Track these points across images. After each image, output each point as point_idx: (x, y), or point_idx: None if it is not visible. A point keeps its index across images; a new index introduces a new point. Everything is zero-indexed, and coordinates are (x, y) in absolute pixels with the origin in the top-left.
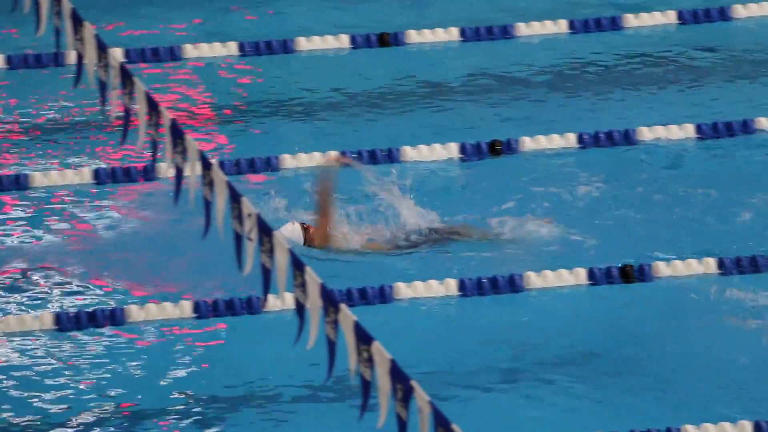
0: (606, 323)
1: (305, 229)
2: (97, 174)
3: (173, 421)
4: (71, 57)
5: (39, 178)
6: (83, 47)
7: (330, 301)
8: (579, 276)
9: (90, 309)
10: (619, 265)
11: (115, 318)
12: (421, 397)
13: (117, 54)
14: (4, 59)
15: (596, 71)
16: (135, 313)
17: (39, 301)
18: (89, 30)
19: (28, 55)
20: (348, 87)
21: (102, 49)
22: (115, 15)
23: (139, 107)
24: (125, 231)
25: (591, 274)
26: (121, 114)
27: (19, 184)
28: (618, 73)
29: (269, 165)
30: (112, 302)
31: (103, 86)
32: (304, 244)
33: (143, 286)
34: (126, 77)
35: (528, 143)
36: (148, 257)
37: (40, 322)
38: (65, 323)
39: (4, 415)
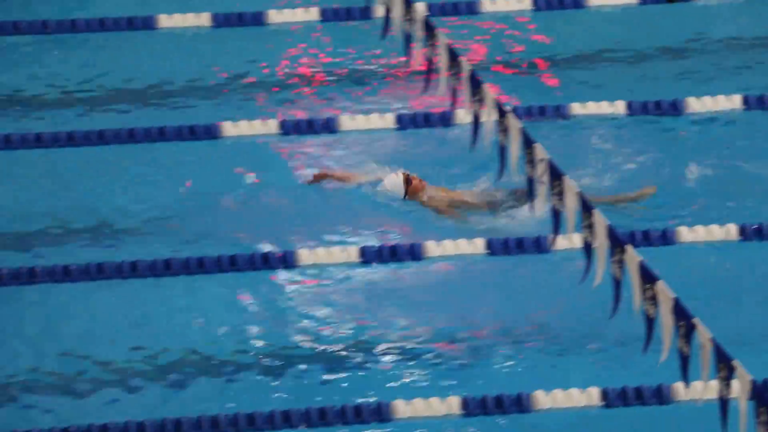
0: None
1: (407, 181)
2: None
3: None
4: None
5: (346, 122)
6: (391, 2)
7: (616, 241)
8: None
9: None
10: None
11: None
12: (703, 334)
13: (420, 8)
14: (319, 11)
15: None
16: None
17: None
18: None
19: (338, 9)
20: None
21: (407, 3)
22: None
23: (441, 58)
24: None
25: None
26: (422, 64)
27: (329, 128)
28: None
29: (559, 112)
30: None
31: (408, 38)
32: (405, 196)
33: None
34: (429, 30)
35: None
36: None
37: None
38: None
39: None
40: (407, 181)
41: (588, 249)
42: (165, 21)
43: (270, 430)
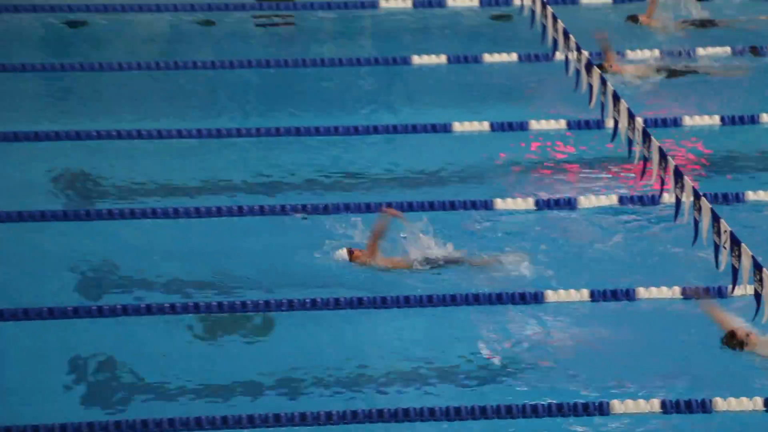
0: None
1: (350, 252)
2: None
3: None
4: (610, 122)
5: (583, 201)
6: (619, 114)
7: None
8: None
9: None
10: None
11: None
12: None
13: (639, 120)
14: (566, 122)
15: None
16: None
17: None
18: None
19: (582, 120)
20: None
21: (630, 116)
22: None
23: (654, 156)
24: None
25: None
26: (640, 160)
27: (570, 204)
28: None
29: (738, 198)
30: None
31: (629, 141)
32: (350, 261)
33: None
34: (645, 136)
35: None
36: None
37: None
38: None
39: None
40: (350, 253)
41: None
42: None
43: None
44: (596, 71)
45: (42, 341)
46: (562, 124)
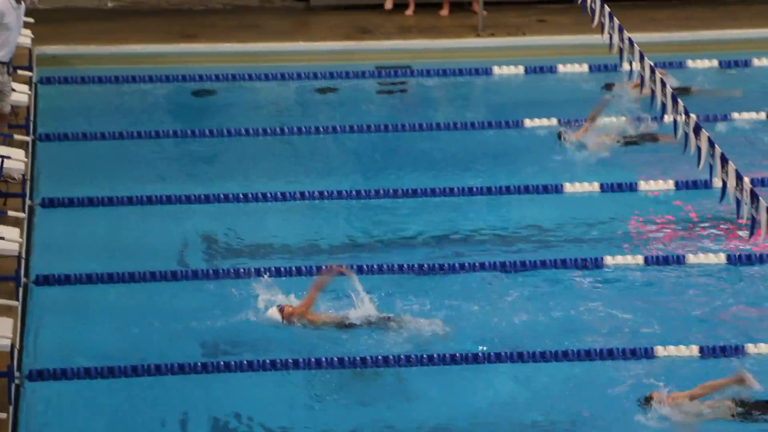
0: None
1: (281, 310)
2: None
3: None
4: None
5: (692, 259)
6: (728, 176)
7: None
8: None
9: None
10: None
11: None
12: None
13: (747, 180)
14: (674, 183)
15: None
16: None
17: None
18: None
19: (690, 180)
20: None
21: (739, 177)
22: None
23: (762, 216)
24: None
25: None
26: (748, 220)
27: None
28: None
29: None
30: None
31: (738, 202)
32: (282, 320)
33: None
34: (754, 197)
35: None
36: None
37: None
38: None
39: None
40: (281, 310)
41: None
42: None
43: None
44: (704, 134)
45: (178, 396)
46: (671, 184)
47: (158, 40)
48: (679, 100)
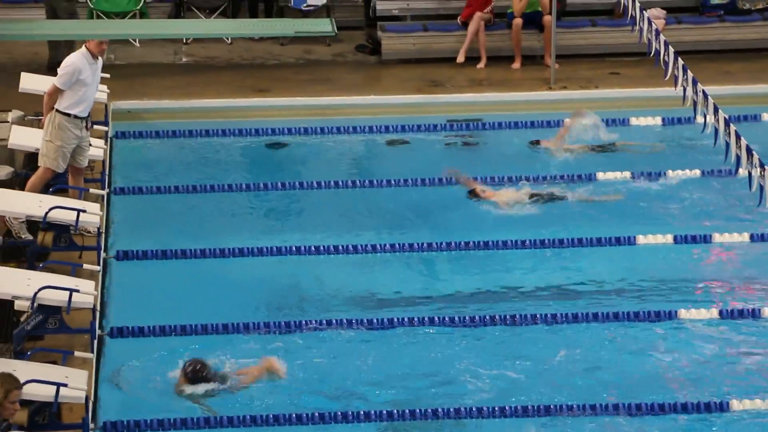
0: None
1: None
2: None
3: None
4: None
5: None
6: None
7: None
8: None
9: None
10: None
11: None
12: None
13: None
14: None
15: None
16: None
17: None
18: None
19: None
20: None
21: None
22: None
23: None
24: None
25: None
26: None
27: None
28: None
29: None
30: None
31: None
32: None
33: None
34: None
35: None
36: None
37: None
38: None
39: None
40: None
41: None
42: None
43: None
44: None
45: None
46: (746, 237)
47: (231, 94)
48: (754, 152)
